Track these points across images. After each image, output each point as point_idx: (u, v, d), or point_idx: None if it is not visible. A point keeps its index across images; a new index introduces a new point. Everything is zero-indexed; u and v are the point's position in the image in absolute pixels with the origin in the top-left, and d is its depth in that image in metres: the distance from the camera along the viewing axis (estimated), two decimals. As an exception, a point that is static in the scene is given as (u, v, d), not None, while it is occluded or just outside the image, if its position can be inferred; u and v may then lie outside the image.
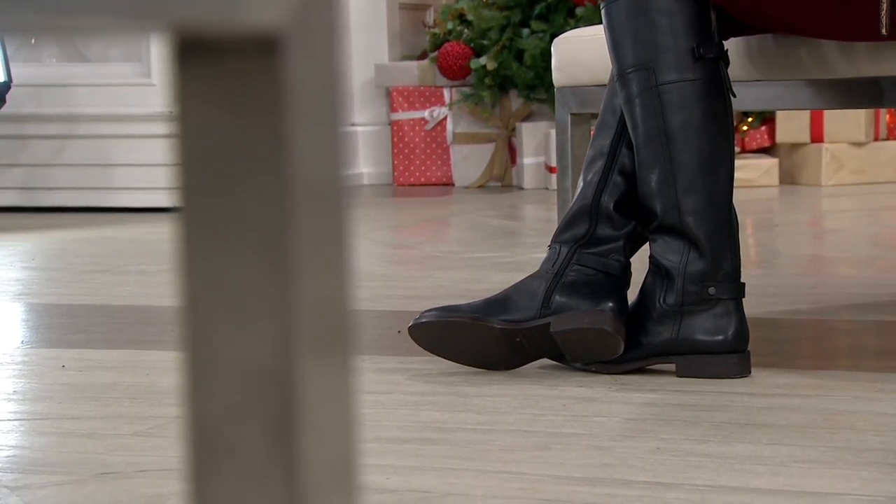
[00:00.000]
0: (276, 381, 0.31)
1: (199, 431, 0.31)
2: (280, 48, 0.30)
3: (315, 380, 0.31)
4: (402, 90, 5.10)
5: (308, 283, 0.31)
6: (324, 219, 0.32)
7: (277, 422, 0.31)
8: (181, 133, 0.31)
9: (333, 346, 0.32)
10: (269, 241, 0.31)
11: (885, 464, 1.25)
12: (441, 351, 1.72)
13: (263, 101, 0.31)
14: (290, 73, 0.31)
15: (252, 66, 0.30)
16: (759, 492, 1.18)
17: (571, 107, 2.04)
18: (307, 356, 0.31)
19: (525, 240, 3.33)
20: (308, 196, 0.32)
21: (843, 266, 2.70)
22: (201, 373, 0.31)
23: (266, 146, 0.31)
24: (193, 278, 0.31)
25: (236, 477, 0.31)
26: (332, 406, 0.32)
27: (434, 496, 1.20)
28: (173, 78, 0.31)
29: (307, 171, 0.31)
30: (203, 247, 0.31)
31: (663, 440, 1.36)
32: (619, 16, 1.70)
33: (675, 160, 1.67)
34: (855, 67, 1.74)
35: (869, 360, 1.75)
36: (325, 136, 0.32)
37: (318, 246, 0.32)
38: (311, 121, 0.32)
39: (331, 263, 0.32)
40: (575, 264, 1.72)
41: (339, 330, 0.33)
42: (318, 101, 0.32)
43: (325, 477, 0.31)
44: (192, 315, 0.31)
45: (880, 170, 4.61)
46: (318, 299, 0.32)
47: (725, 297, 1.66)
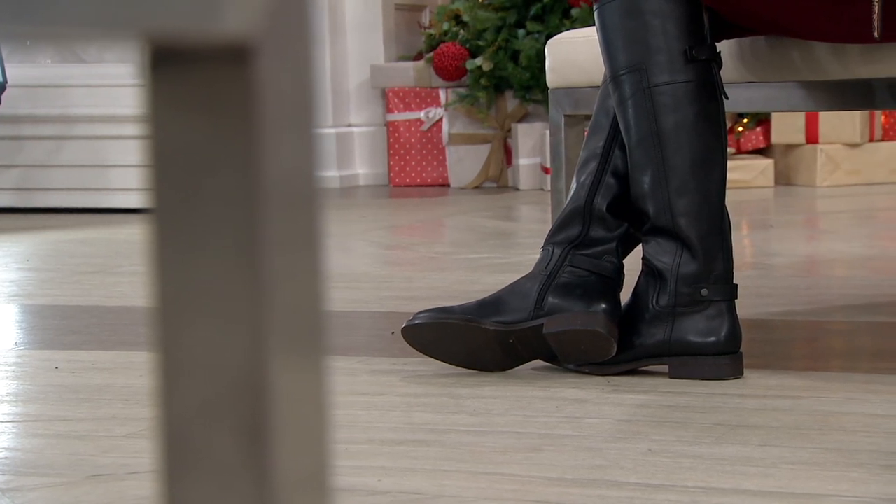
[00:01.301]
0: (248, 382, 0.31)
1: (171, 433, 0.31)
2: (252, 55, 0.31)
3: (287, 381, 0.32)
4: (398, 91, 5.10)
5: (280, 285, 0.32)
6: (296, 222, 0.32)
7: (249, 424, 0.31)
8: (154, 138, 0.31)
9: (305, 348, 0.33)
10: (241, 244, 0.31)
11: (875, 465, 1.26)
12: (434, 352, 1.72)
13: (235, 106, 0.31)
14: (261, 80, 0.31)
15: (224, 73, 0.31)
16: (749, 493, 1.19)
17: (565, 108, 2.05)
18: (279, 358, 0.31)
19: (520, 241, 3.33)
20: (280, 199, 0.32)
21: (838, 267, 2.70)
22: (173, 374, 0.31)
23: (238, 151, 0.31)
24: (165, 280, 0.31)
25: (208, 479, 0.31)
26: (305, 408, 0.32)
27: (426, 498, 1.21)
28: (147, 84, 0.31)
29: (279, 174, 0.32)
30: (175, 250, 0.31)
31: (655, 441, 1.37)
32: (611, 17, 1.70)
33: (667, 162, 1.67)
34: (847, 69, 1.74)
35: (862, 362, 1.75)
36: (297, 140, 0.32)
37: (290, 248, 0.32)
38: (283, 126, 0.32)
39: (303, 266, 0.33)
40: (568, 266, 1.72)
41: (311, 332, 0.33)
42: (290, 106, 0.32)
43: (297, 479, 0.32)
44: (164, 317, 0.32)
45: (875, 171, 4.61)
46: (290, 301, 0.32)
47: (718, 298, 1.67)
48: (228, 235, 0.31)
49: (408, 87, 5.10)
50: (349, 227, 3.78)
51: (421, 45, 5.29)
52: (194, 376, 0.31)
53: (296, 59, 0.31)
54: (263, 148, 0.31)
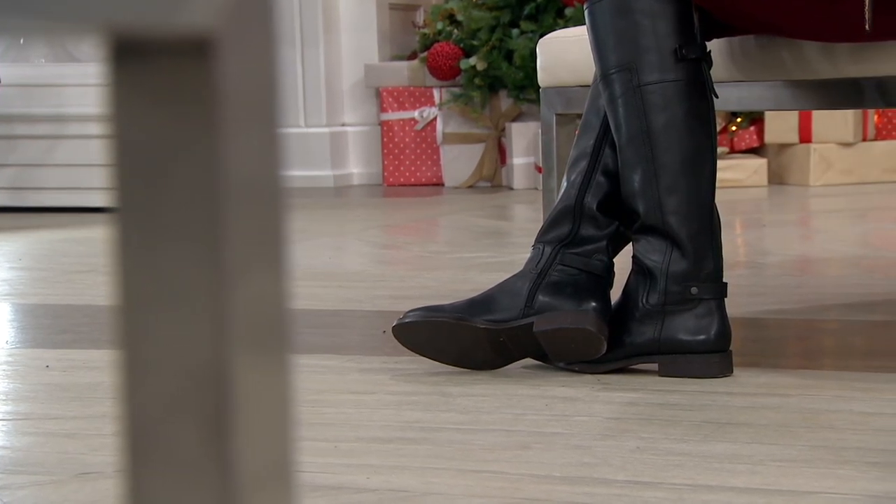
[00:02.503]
0: (211, 379, 0.31)
1: (134, 429, 0.31)
2: (214, 50, 0.31)
3: (250, 378, 0.32)
4: (392, 90, 5.11)
5: (243, 281, 0.32)
6: (259, 218, 0.33)
7: (212, 420, 0.31)
8: (116, 133, 0.31)
9: (269, 345, 0.33)
10: (203, 240, 0.31)
11: (862, 462, 1.26)
12: (425, 351, 1.73)
13: (197, 102, 0.31)
14: (223, 75, 0.31)
15: (185, 68, 0.31)
16: (736, 490, 1.19)
17: (556, 107, 2.05)
18: (242, 354, 0.32)
19: (513, 240, 3.33)
20: (243, 195, 0.32)
21: (830, 266, 2.70)
22: (136, 371, 0.31)
23: (200, 146, 0.31)
24: (128, 277, 0.32)
25: (171, 475, 0.31)
26: (268, 404, 0.32)
27: (413, 495, 1.21)
28: (109, 79, 0.31)
29: (241, 170, 0.32)
30: (138, 246, 0.31)
31: (644, 439, 1.37)
32: (602, 16, 1.70)
33: (657, 160, 1.67)
34: (836, 68, 1.74)
35: (852, 360, 1.76)
36: (259, 136, 0.32)
37: (253, 245, 0.32)
38: (246, 121, 0.32)
39: (266, 262, 0.33)
40: (558, 264, 1.73)
41: (274, 328, 0.33)
42: (252, 101, 0.32)
43: (260, 475, 0.32)
44: (127, 313, 0.32)
45: (868, 170, 4.62)
46: (254, 298, 0.32)
47: (708, 296, 1.67)
48: (191, 231, 0.31)
49: (402, 87, 5.10)
50: (343, 226, 3.78)
51: (415, 44, 5.29)
52: (157, 372, 0.31)
53: (258, 55, 0.31)
54: (225, 143, 0.31)
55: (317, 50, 5.20)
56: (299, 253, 3.15)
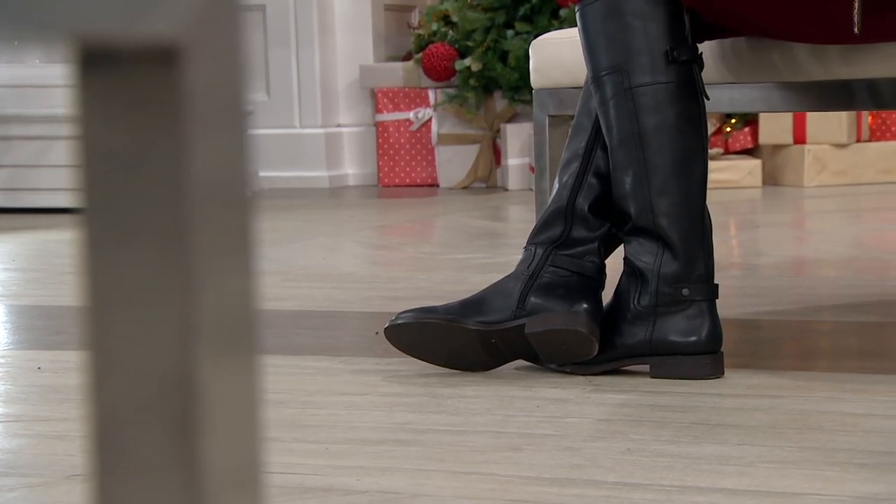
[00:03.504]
0: (178, 381, 0.31)
1: (101, 432, 0.31)
2: (180, 57, 0.31)
3: (217, 380, 0.32)
4: (387, 91, 5.11)
5: (210, 284, 0.32)
6: (226, 221, 0.33)
7: (179, 422, 0.31)
8: (84, 139, 0.32)
9: (237, 347, 0.33)
10: (170, 244, 0.31)
11: (851, 464, 1.26)
12: (416, 352, 1.73)
13: (163, 108, 0.31)
14: (189, 82, 0.31)
15: (152, 76, 0.31)
16: (726, 492, 1.19)
17: (549, 108, 2.05)
18: (209, 357, 0.32)
19: (508, 241, 3.34)
20: (209, 200, 0.32)
21: (824, 267, 2.71)
22: (103, 373, 0.32)
23: (166, 151, 0.31)
24: (95, 279, 0.32)
25: (138, 477, 0.31)
26: (236, 407, 0.33)
27: (403, 497, 1.21)
28: (77, 85, 0.31)
29: (208, 175, 0.32)
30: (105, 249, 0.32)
31: (634, 441, 1.37)
32: (593, 18, 1.70)
33: (648, 162, 1.67)
34: (826, 70, 1.75)
35: (844, 361, 1.76)
36: (226, 140, 0.33)
37: (220, 248, 0.32)
38: (213, 127, 0.32)
39: (234, 265, 0.33)
40: (550, 266, 1.73)
41: (242, 331, 0.33)
42: (219, 108, 0.32)
43: (228, 477, 0.32)
44: (95, 316, 0.32)
45: (862, 171, 4.63)
46: (221, 300, 0.32)
47: (699, 298, 1.67)
48: (157, 235, 0.31)
49: (397, 88, 5.10)
50: (338, 227, 3.78)
51: (410, 45, 5.30)
52: (124, 375, 0.31)
53: (225, 62, 0.32)
54: (191, 148, 0.31)
55: (312, 50, 5.20)
56: (293, 253, 3.15)
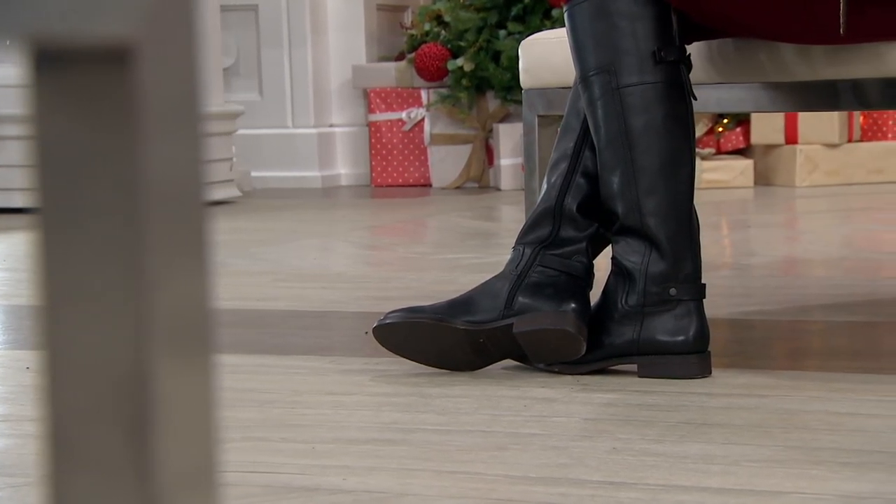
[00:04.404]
0: (132, 382, 0.31)
1: (56, 432, 0.32)
2: (132, 57, 0.31)
3: (172, 381, 0.32)
4: (380, 91, 5.11)
5: (164, 285, 0.32)
6: (180, 222, 0.33)
7: (133, 423, 0.31)
8: (38, 139, 0.32)
9: (191, 348, 0.33)
10: (124, 244, 0.31)
11: (835, 462, 1.27)
12: (405, 352, 1.73)
13: (116, 109, 0.31)
14: (142, 82, 0.31)
15: (105, 76, 0.31)
16: (710, 491, 1.19)
17: (539, 108, 2.05)
18: (163, 357, 0.32)
19: (499, 241, 3.34)
20: (163, 200, 0.32)
21: (815, 267, 2.71)
22: (57, 374, 0.32)
23: (119, 152, 0.32)
24: (50, 280, 0.32)
25: (92, 478, 0.32)
26: (191, 407, 0.33)
27: (389, 497, 1.21)
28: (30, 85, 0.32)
29: (161, 176, 0.32)
30: (59, 250, 0.32)
31: (620, 440, 1.37)
32: (581, 19, 1.71)
33: (636, 162, 1.68)
34: (813, 70, 1.75)
35: (832, 361, 1.76)
36: (180, 141, 0.33)
37: (174, 249, 0.33)
38: (166, 127, 0.32)
39: (188, 266, 0.33)
40: (538, 265, 1.73)
41: (197, 331, 0.34)
42: (173, 108, 0.33)
43: (182, 478, 0.32)
44: (49, 316, 0.32)
45: (853, 171, 4.64)
46: (175, 301, 0.33)
47: (686, 297, 1.68)
48: (111, 236, 0.31)
49: (389, 88, 5.10)
50: (330, 227, 3.78)
51: (402, 45, 5.30)
52: (79, 376, 0.31)
53: (178, 62, 0.32)
54: (145, 148, 0.31)
55: (304, 50, 5.20)
56: (285, 253, 3.15)
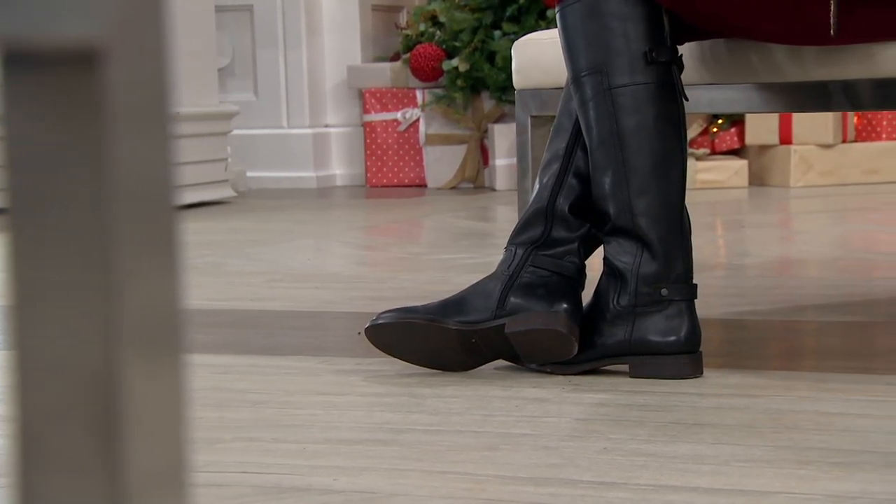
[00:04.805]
0: (101, 382, 0.32)
1: (24, 431, 0.32)
2: (101, 59, 0.32)
3: (141, 380, 0.33)
4: (375, 91, 5.11)
5: (133, 285, 0.33)
6: (149, 223, 0.33)
7: (101, 422, 0.32)
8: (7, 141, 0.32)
9: (160, 346, 0.34)
10: (93, 245, 0.32)
11: (825, 462, 1.27)
12: (397, 352, 1.73)
13: (85, 111, 0.32)
14: (111, 85, 0.32)
15: (74, 78, 0.32)
16: (699, 491, 1.20)
17: (531, 109, 2.06)
18: (132, 356, 0.32)
19: (493, 241, 3.34)
20: (132, 201, 0.33)
21: (809, 267, 2.72)
22: (26, 372, 0.32)
23: (88, 153, 0.32)
24: (20, 280, 0.32)
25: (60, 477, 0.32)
26: (160, 407, 0.33)
27: (379, 497, 1.21)
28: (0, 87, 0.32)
29: (130, 177, 0.33)
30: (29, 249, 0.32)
31: (611, 440, 1.38)
32: (573, 19, 1.71)
33: (627, 163, 1.68)
34: (804, 71, 1.76)
35: (822, 361, 1.77)
36: (149, 143, 0.33)
37: (143, 249, 0.33)
38: (135, 129, 0.33)
39: (157, 266, 0.34)
40: (530, 266, 1.74)
41: (166, 330, 0.34)
42: (142, 109, 0.33)
43: (151, 477, 0.32)
44: (18, 315, 0.32)
45: (848, 171, 4.64)
46: (144, 301, 0.33)
47: (678, 298, 1.68)
48: (80, 236, 0.32)
49: (384, 88, 5.11)
50: (325, 227, 3.79)
51: (398, 45, 5.30)
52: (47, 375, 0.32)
53: (147, 63, 0.32)
54: (114, 149, 0.32)
55: (299, 51, 5.20)
56: (280, 254, 3.15)
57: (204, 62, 4.56)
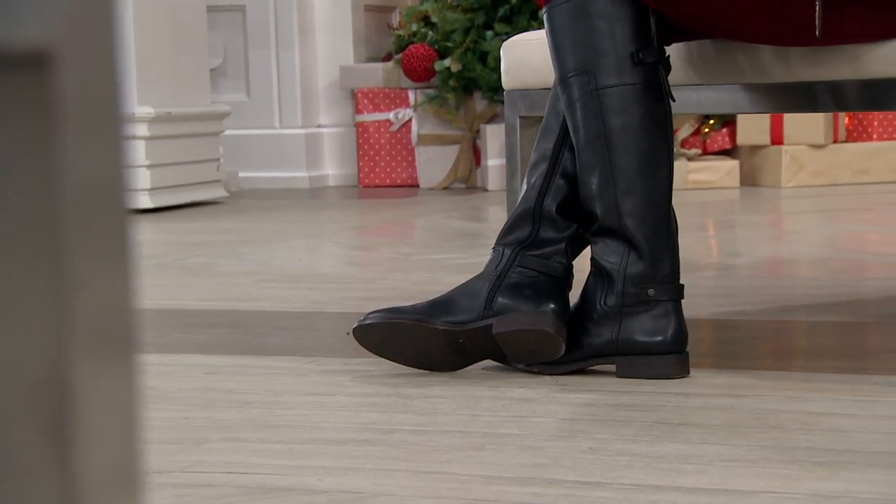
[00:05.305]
0: (53, 383, 0.32)
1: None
2: (51, 63, 0.32)
3: (93, 381, 0.33)
4: (367, 92, 5.11)
5: (84, 287, 0.33)
6: (102, 225, 0.34)
7: (54, 424, 0.32)
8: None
9: (113, 348, 0.34)
10: (44, 248, 0.32)
11: (809, 462, 1.27)
12: (385, 352, 1.73)
13: (35, 113, 0.32)
14: (61, 87, 0.32)
15: (24, 81, 0.32)
16: (683, 490, 1.20)
17: (520, 109, 2.06)
18: (84, 359, 0.33)
19: (484, 241, 3.35)
20: (84, 203, 0.33)
21: (799, 267, 2.72)
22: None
23: (39, 156, 0.32)
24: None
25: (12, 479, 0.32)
26: (113, 408, 0.33)
27: (364, 497, 1.22)
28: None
29: (82, 179, 0.33)
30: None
31: (597, 440, 1.38)
32: (560, 20, 1.71)
33: (614, 163, 1.68)
34: (790, 72, 1.76)
35: (812, 361, 1.77)
36: (101, 146, 0.34)
37: (95, 250, 0.33)
38: (87, 132, 0.33)
39: (110, 267, 0.34)
40: (517, 266, 1.74)
41: (118, 332, 0.34)
42: (93, 113, 0.33)
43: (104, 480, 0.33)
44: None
45: (839, 172, 4.65)
46: (96, 303, 0.33)
47: (664, 298, 1.68)
48: (31, 239, 0.32)
49: (377, 88, 5.11)
50: (317, 227, 3.79)
51: (390, 46, 5.30)
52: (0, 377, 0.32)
53: (99, 66, 0.32)
54: (64, 153, 0.32)
55: (292, 51, 5.20)
56: (271, 254, 3.15)
57: (196, 62, 4.56)
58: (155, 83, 4.35)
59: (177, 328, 2.16)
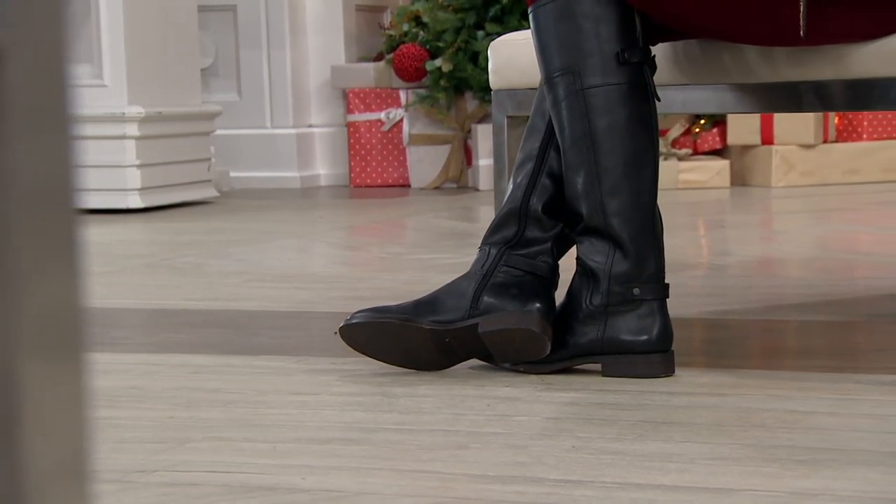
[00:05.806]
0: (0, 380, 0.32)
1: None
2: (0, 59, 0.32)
3: (40, 378, 0.33)
4: (359, 92, 5.12)
5: (32, 286, 0.33)
6: (49, 224, 0.34)
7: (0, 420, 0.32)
8: None
9: (61, 346, 0.34)
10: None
11: (790, 460, 1.28)
12: (371, 351, 1.74)
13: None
14: (9, 85, 0.32)
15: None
16: (664, 488, 1.20)
17: (508, 109, 2.06)
18: (31, 355, 0.33)
19: (475, 241, 3.35)
20: (31, 202, 0.33)
21: (789, 267, 2.73)
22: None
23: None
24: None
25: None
26: (60, 404, 0.34)
27: (346, 495, 1.22)
28: None
29: (29, 178, 0.33)
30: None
31: (580, 439, 1.38)
32: (545, 20, 1.72)
33: (600, 163, 1.69)
34: (775, 72, 1.77)
35: (799, 360, 1.77)
36: (50, 144, 0.34)
37: (43, 250, 0.33)
38: (35, 130, 0.33)
39: (58, 265, 0.34)
40: (503, 265, 1.74)
41: (67, 329, 0.34)
42: (42, 111, 0.33)
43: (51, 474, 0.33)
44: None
45: (829, 172, 4.66)
46: (44, 300, 0.33)
47: (650, 297, 1.69)
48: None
49: (368, 88, 5.11)
50: (308, 227, 3.79)
51: (381, 45, 5.30)
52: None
53: (47, 64, 0.33)
54: (11, 150, 0.32)
55: (283, 51, 5.20)
56: (262, 254, 3.15)
57: (187, 62, 4.55)
58: (146, 83, 4.34)
59: (165, 328, 2.16)
